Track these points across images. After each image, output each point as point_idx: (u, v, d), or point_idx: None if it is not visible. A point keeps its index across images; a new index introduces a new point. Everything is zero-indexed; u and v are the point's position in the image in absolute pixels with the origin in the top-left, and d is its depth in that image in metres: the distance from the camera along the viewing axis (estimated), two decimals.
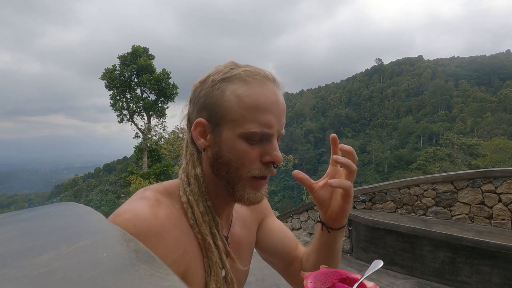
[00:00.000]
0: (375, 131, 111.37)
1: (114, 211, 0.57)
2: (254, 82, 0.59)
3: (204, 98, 0.61)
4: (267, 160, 0.60)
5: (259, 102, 0.58)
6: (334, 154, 0.67)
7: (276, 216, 4.85)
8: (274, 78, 0.62)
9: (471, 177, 3.71)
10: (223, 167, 0.60)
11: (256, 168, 0.59)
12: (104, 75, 20.82)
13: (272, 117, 0.59)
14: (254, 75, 0.59)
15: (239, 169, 0.59)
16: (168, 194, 0.62)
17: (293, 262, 0.82)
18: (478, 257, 3.14)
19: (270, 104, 0.59)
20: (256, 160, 0.59)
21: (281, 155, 0.60)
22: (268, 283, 3.43)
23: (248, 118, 0.58)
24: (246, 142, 0.58)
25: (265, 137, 0.59)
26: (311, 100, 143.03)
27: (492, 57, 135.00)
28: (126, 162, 66.87)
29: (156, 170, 18.02)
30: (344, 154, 0.66)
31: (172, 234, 0.56)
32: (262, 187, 0.62)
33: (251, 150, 0.59)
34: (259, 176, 0.60)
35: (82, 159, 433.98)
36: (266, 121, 0.58)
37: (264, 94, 0.59)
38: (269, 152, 0.59)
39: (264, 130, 0.58)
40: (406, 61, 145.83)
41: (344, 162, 0.63)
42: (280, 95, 0.62)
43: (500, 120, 65.55)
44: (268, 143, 0.60)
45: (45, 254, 0.27)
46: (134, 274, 0.22)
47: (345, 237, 4.69)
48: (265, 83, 0.60)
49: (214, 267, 0.59)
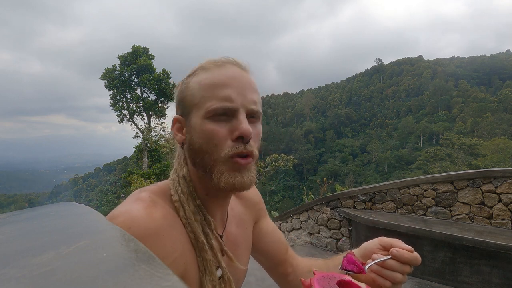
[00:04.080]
0: (375, 131, 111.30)
1: (109, 213, 0.56)
2: (213, 67, 0.60)
3: (177, 96, 0.64)
4: (236, 136, 0.57)
5: (216, 79, 0.58)
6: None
7: (276, 216, 4.88)
8: (238, 62, 0.62)
9: (471, 177, 3.71)
10: (198, 155, 0.59)
11: (228, 147, 0.57)
12: (104, 75, 20.82)
13: (231, 90, 0.57)
14: (215, 61, 0.61)
15: (212, 152, 0.57)
16: (163, 195, 0.62)
17: (281, 264, 0.84)
18: (478, 257, 3.14)
19: (228, 79, 0.58)
20: (227, 138, 0.57)
21: (249, 128, 0.56)
22: (268, 283, 3.43)
23: (207, 97, 0.58)
24: (212, 121, 0.57)
25: (229, 112, 0.57)
26: (311, 100, 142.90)
27: (492, 57, 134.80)
28: (126, 162, 66.81)
29: (156, 170, 18.00)
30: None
31: (169, 235, 0.55)
32: (242, 168, 0.58)
33: (219, 129, 0.57)
34: (234, 154, 0.57)
35: (82, 159, 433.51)
36: (224, 95, 0.57)
37: (221, 72, 0.59)
38: (236, 127, 0.57)
39: (225, 104, 0.57)
40: (406, 61, 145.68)
41: (409, 258, 0.59)
42: (243, 72, 0.61)
43: (500, 120, 65.53)
44: (234, 119, 0.57)
45: (45, 254, 0.27)
46: (134, 274, 0.22)
47: (345, 237, 4.68)
48: (224, 65, 0.60)
49: (208, 266, 0.59)
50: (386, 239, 0.65)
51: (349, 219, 4.60)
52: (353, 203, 4.66)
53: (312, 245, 5.01)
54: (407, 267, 0.60)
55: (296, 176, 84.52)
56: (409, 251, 0.60)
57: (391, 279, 0.59)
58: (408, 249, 0.60)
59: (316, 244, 4.98)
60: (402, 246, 0.61)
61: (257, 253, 0.84)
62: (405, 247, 0.61)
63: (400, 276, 0.59)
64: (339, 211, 4.72)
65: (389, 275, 0.59)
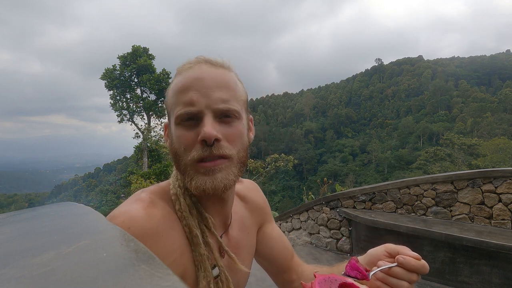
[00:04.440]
0: (375, 131, 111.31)
1: (109, 213, 0.56)
2: (185, 70, 0.59)
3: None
4: (199, 140, 0.55)
5: (180, 83, 0.58)
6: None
7: (276, 216, 4.88)
8: (209, 59, 0.60)
9: (471, 177, 3.71)
10: (174, 159, 0.60)
11: (195, 150, 0.56)
12: (104, 75, 20.83)
13: (193, 93, 0.56)
14: (188, 63, 0.61)
15: (182, 156, 0.58)
16: (163, 195, 0.62)
17: (286, 271, 0.83)
18: (478, 257, 3.14)
19: (191, 82, 0.57)
20: (194, 142, 0.56)
21: (210, 130, 0.54)
22: (268, 283, 3.43)
23: (175, 103, 0.58)
24: (181, 126, 0.58)
25: (194, 116, 0.56)
26: (311, 100, 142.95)
27: (492, 57, 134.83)
28: (126, 162, 66.79)
29: (156, 170, 17.99)
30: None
31: (169, 235, 0.55)
32: (209, 172, 0.56)
33: (187, 134, 0.57)
34: (199, 158, 0.56)
35: (82, 159, 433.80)
36: (187, 99, 0.56)
37: (188, 75, 0.58)
38: (200, 130, 0.56)
39: (188, 109, 0.56)
40: (406, 61, 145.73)
41: (416, 266, 0.57)
42: (212, 70, 0.59)
43: (500, 120, 65.54)
44: (201, 122, 0.56)
45: (45, 254, 0.27)
46: (134, 274, 0.22)
47: (345, 237, 4.68)
48: (194, 66, 0.59)
49: (203, 262, 0.58)
50: (393, 246, 0.62)
51: (349, 219, 4.60)
52: (353, 203, 4.66)
53: (312, 245, 5.01)
54: (414, 275, 0.57)
55: (296, 176, 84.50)
56: (417, 259, 0.57)
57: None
58: (415, 256, 0.58)
59: (316, 244, 4.98)
60: (408, 254, 0.59)
61: (261, 258, 0.83)
62: (412, 255, 0.58)
63: (407, 285, 0.57)
64: (339, 211, 4.72)
65: (395, 284, 0.57)
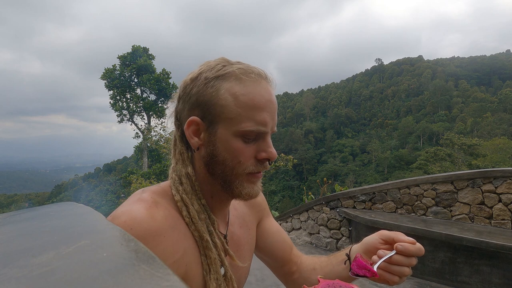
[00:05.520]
0: (375, 131, 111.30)
1: (111, 213, 0.56)
2: (249, 80, 0.59)
3: (197, 96, 0.60)
4: (262, 157, 0.61)
5: (255, 101, 0.58)
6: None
7: (276, 216, 4.89)
8: (267, 75, 0.62)
9: (471, 177, 3.70)
10: (219, 166, 0.60)
11: (251, 165, 0.60)
12: (104, 75, 20.84)
13: (267, 115, 0.59)
14: (249, 73, 0.59)
15: (235, 167, 0.60)
16: (165, 195, 0.62)
17: (287, 264, 0.85)
18: (478, 257, 3.14)
19: (265, 103, 0.59)
20: (251, 157, 0.60)
21: (275, 152, 0.62)
22: (268, 283, 3.43)
23: (244, 117, 0.58)
24: (242, 140, 0.59)
25: (260, 135, 0.60)
26: (311, 100, 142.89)
27: (492, 57, 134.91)
28: (126, 162, 66.82)
29: (156, 170, 18.01)
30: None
31: (171, 236, 0.55)
32: (257, 181, 0.63)
33: (246, 148, 0.59)
34: (256, 171, 0.61)
35: (82, 159, 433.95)
36: (261, 119, 0.59)
37: (259, 92, 0.59)
38: (264, 149, 0.61)
39: (260, 128, 0.59)
40: (406, 61, 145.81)
41: (414, 250, 0.62)
42: (273, 93, 0.63)
43: (500, 120, 65.51)
44: (262, 141, 0.61)
45: (45, 254, 0.27)
46: (134, 274, 0.22)
47: (345, 237, 4.68)
48: (259, 81, 0.60)
49: (213, 265, 0.59)
50: (387, 233, 0.67)
51: (349, 219, 4.60)
52: (353, 203, 4.66)
53: (312, 245, 5.01)
54: (413, 259, 0.62)
55: (296, 176, 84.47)
56: (412, 243, 0.62)
57: (400, 274, 0.62)
58: (411, 241, 0.62)
59: (316, 244, 4.98)
60: (404, 239, 0.63)
61: (261, 252, 0.85)
62: (408, 240, 0.63)
63: (408, 270, 0.62)
64: (339, 211, 4.72)
65: (397, 270, 0.61)
